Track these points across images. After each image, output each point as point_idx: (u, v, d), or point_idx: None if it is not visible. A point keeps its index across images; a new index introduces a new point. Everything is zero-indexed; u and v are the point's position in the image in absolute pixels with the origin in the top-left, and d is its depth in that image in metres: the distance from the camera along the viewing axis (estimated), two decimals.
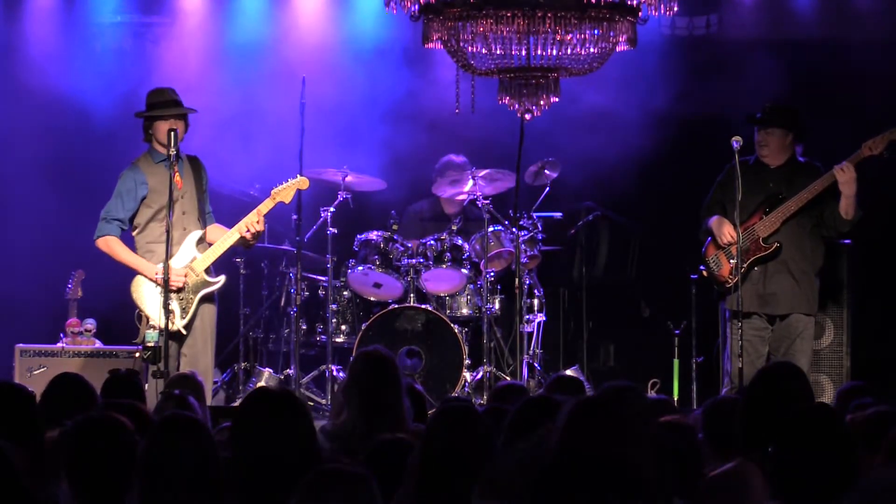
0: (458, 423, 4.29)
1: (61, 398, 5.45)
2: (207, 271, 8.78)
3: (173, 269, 8.54)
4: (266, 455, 4.25)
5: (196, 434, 4.26)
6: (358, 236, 10.41)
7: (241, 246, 9.00)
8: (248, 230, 8.74)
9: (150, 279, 8.64)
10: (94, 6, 11.06)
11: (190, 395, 5.71)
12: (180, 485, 4.08)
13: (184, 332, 8.69)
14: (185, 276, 8.67)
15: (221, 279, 8.84)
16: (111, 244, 8.76)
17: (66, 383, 5.63)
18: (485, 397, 9.63)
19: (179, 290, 8.66)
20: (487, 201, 10.17)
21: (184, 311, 8.69)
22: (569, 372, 10.16)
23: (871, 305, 10.46)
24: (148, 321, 8.62)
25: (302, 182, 9.00)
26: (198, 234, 8.77)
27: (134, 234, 8.81)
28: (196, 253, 8.75)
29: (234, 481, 4.21)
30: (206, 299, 8.78)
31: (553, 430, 3.77)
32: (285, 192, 8.94)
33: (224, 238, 8.80)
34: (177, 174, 8.54)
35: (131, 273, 8.74)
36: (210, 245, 8.82)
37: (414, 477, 4.20)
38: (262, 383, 9.95)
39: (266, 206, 8.86)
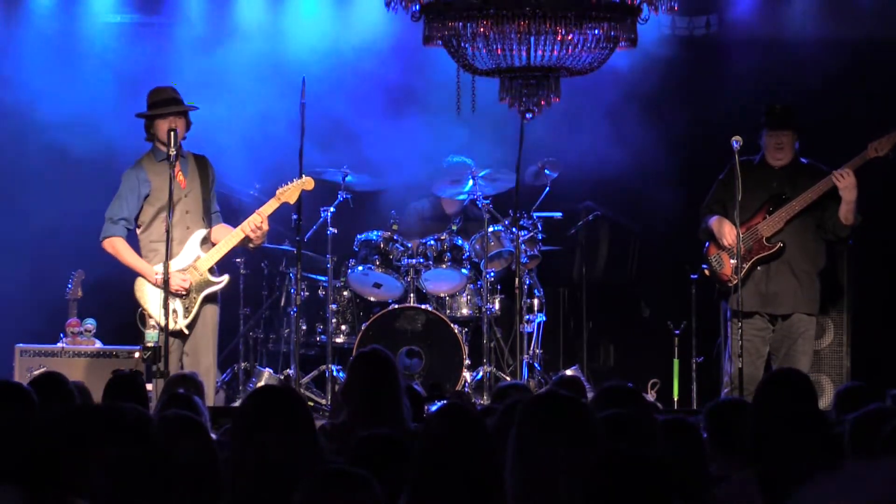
0: (457, 423, 4.26)
1: None
2: (211, 271, 8.80)
3: (174, 272, 8.55)
4: (268, 453, 4.22)
5: (196, 434, 4.25)
6: (358, 236, 10.40)
7: (244, 246, 8.99)
8: (253, 230, 8.75)
9: (152, 283, 8.67)
10: (93, 6, 11.06)
11: (194, 394, 5.70)
12: (179, 485, 4.08)
13: (186, 331, 8.70)
14: (188, 279, 8.67)
15: (225, 279, 8.87)
16: (116, 245, 8.77)
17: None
18: (485, 397, 9.63)
19: (182, 295, 8.67)
20: (487, 201, 10.16)
21: (186, 310, 8.69)
22: (569, 372, 10.16)
23: (871, 305, 10.45)
24: (150, 320, 8.64)
25: (307, 182, 9.01)
26: (202, 233, 8.78)
27: (138, 232, 8.83)
28: (200, 252, 8.76)
29: (233, 481, 4.19)
30: (208, 299, 8.80)
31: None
32: (290, 192, 8.95)
33: (228, 238, 8.81)
34: (179, 173, 8.64)
35: (132, 273, 8.77)
36: (214, 244, 8.83)
37: (411, 477, 4.17)
38: (262, 383, 9.94)
39: (270, 206, 8.87)
